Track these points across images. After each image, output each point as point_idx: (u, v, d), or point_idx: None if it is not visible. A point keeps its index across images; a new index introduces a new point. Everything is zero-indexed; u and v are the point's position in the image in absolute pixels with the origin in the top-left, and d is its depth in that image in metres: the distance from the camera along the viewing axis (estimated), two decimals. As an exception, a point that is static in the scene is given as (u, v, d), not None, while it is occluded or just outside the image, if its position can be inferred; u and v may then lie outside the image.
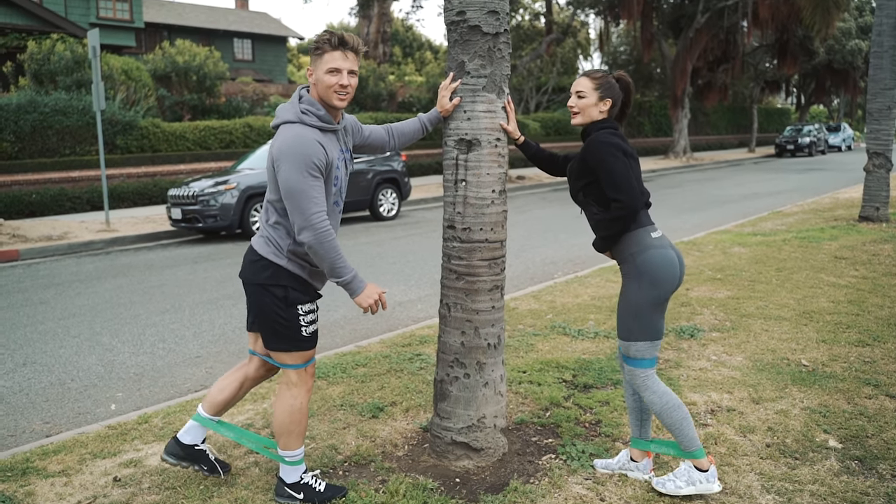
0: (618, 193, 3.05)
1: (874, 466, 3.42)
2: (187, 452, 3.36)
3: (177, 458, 3.34)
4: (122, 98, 19.36)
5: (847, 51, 39.71)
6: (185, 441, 3.35)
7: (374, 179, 14.51)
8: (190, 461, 3.36)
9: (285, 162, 2.90)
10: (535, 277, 8.51)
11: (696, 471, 3.17)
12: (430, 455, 3.65)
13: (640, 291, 3.12)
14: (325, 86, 3.00)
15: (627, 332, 3.17)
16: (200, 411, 3.37)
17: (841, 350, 5.16)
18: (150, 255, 11.17)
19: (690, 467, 3.19)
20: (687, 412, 3.18)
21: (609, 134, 3.18)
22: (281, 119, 3.04)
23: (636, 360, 3.19)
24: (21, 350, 6.15)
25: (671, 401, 3.16)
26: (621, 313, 3.20)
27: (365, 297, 3.06)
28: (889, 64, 11.25)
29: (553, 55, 30.15)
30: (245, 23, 39.42)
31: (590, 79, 3.25)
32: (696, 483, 3.16)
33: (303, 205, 2.89)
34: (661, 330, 3.18)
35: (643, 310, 3.12)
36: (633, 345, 3.16)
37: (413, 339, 5.78)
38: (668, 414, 3.15)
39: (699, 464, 3.18)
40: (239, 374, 3.38)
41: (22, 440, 4.32)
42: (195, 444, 3.37)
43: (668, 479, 3.22)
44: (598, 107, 3.24)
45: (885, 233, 10.41)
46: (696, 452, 3.17)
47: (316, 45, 3.02)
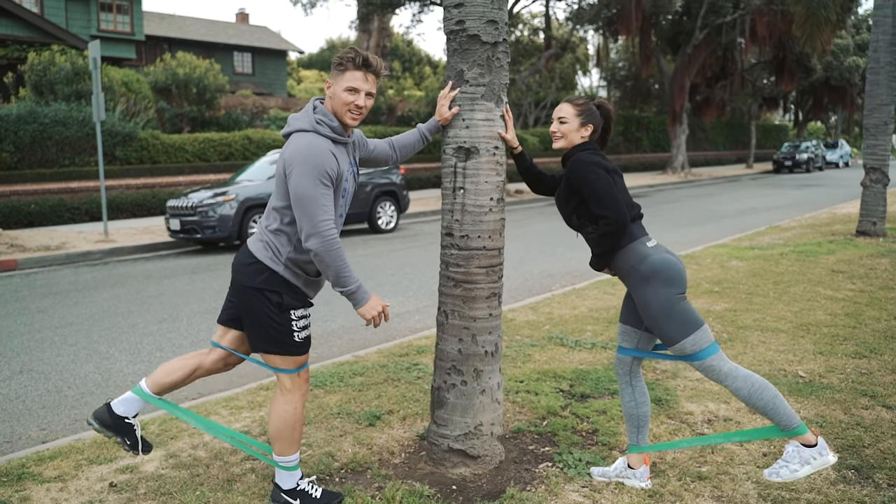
0: (604, 209, 3.08)
1: (870, 476, 3.42)
2: (115, 422, 3.23)
3: (103, 426, 3.21)
4: (122, 109, 19.42)
5: (844, 67, 39.96)
6: (118, 411, 3.23)
7: (373, 192, 14.55)
8: (115, 432, 3.23)
9: (297, 168, 2.91)
10: (533, 289, 8.52)
11: (805, 448, 3.02)
12: (427, 462, 3.64)
13: (657, 293, 3.09)
14: (342, 102, 3.04)
15: (670, 335, 3.08)
16: (143, 385, 3.27)
17: (838, 362, 5.17)
18: (148, 266, 11.17)
19: (798, 446, 3.03)
20: (776, 390, 3.03)
21: (589, 154, 3.24)
22: (294, 127, 3.05)
23: (696, 354, 3.07)
24: (18, 358, 6.14)
25: (757, 382, 3.03)
26: (653, 323, 3.13)
27: (369, 308, 3.06)
28: (885, 80, 11.34)
29: (552, 70, 30.32)
30: (245, 36, 39.62)
31: (572, 105, 3.34)
32: (810, 461, 2.99)
33: (312, 212, 2.89)
34: (697, 316, 3.09)
35: (670, 307, 3.08)
36: (685, 342, 3.06)
37: (410, 349, 5.78)
38: (759, 396, 3.01)
39: (805, 439, 3.01)
40: (193, 362, 3.30)
41: (18, 446, 4.31)
42: (126, 417, 3.25)
43: (780, 467, 3.05)
44: (579, 132, 3.32)
45: (882, 247, 10.44)
46: (798, 428, 3.00)
47: (339, 61, 3.05)
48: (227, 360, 3.34)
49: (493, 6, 3.36)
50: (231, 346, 3.29)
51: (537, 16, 35.27)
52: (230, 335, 3.28)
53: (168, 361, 3.36)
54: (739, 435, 3.40)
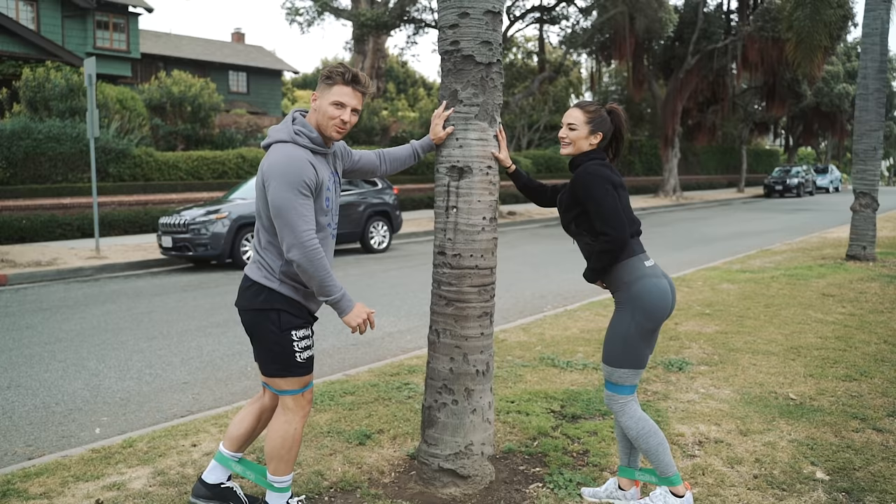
0: (605, 226, 3.09)
1: (861, 498, 3.42)
2: (214, 492, 3.31)
3: (205, 500, 3.30)
4: (116, 127, 19.42)
5: (835, 94, 40.36)
6: (210, 481, 3.32)
7: (366, 212, 14.55)
8: (219, 500, 3.31)
9: (275, 180, 2.91)
10: (525, 311, 8.52)
11: (672, 496, 3.19)
12: (417, 482, 3.62)
13: (631, 321, 3.14)
14: (327, 116, 3.05)
15: (613, 357, 3.19)
16: (222, 449, 3.34)
17: (828, 384, 5.18)
18: (139, 283, 11.13)
19: (666, 492, 3.21)
20: (663, 438, 3.20)
21: (597, 165, 3.22)
22: (273, 138, 3.06)
23: (617, 385, 3.21)
24: (6, 373, 6.09)
25: (647, 426, 3.19)
26: (609, 338, 3.21)
27: (354, 316, 3.06)
28: (874, 106, 11.46)
29: (545, 93, 30.53)
30: (241, 56, 39.76)
31: (583, 111, 3.29)
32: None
33: (292, 222, 2.89)
34: (645, 359, 3.20)
35: (632, 339, 3.14)
36: (616, 371, 3.18)
37: (402, 369, 5.77)
38: (645, 439, 3.17)
39: (675, 490, 3.20)
40: (255, 407, 3.35)
41: (4, 462, 4.26)
42: (221, 483, 3.33)
43: (644, 503, 3.25)
44: (588, 140, 3.28)
45: (872, 271, 10.49)
46: (672, 478, 3.20)
47: (328, 75, 3.07)
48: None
49: (488, 27, 3.40)
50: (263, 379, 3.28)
51: (531, 39, 35.58)
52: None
53: (236, 416, 3.42)
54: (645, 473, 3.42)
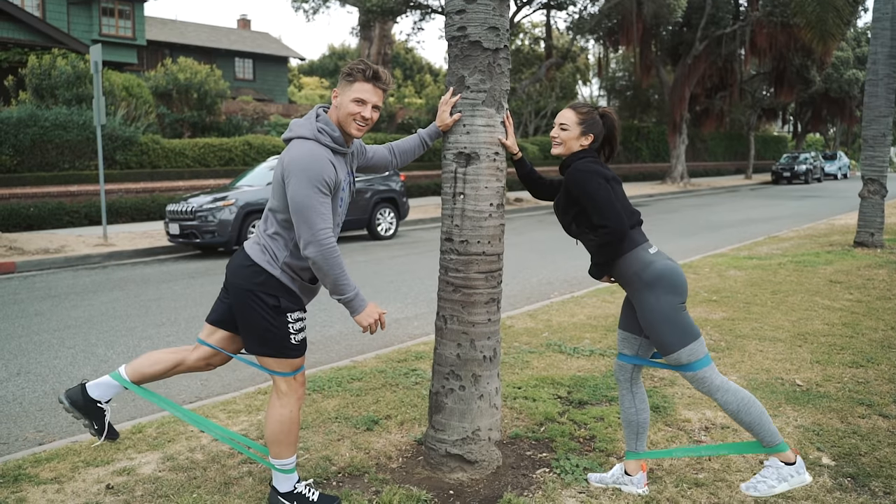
0: (603, 219, 3.08)
1: (867, 484, 3.43)
2: (87, 404, 3.24)
3: (73, 406, 3.22)
4: (122, 114, 19.44)
5: (844, 80, 40.11)
6: (92, 394, 3.24)
7: (373, 199, 14.56)
8: (84, 414, 3.24)
9: (296, 176, 2.92)
10: (532, 297, 8.53)
11: (784, 465, 3.10)
12: (425, 467, 3.65)
13: (659, 301, 3.10)
14: (348, 113, 3.06)
15: (668, 344, 3.10)
16: (122, 372, 3.28)
17: (835, 371, 5.18)
18: (146, 270, 11.17)
19: (778, 463, 3.11)
20: (762, 407, 3.10)
21: (588, 162, 3.23)
22: (295, 133, 3.06)
23: (690, 364, 3.10)
24: (15, 360, 6.14)
25: (745, 397, 3.09)
26: (652, 330, 3.14)
27: (366, 315, 3.07)
28: (884, 92, 11.38)
29: (552, 80, 30.41)
30: (247, 43, 39.71)
31: (575, 112, 3.32)
32: (787, 479, 3.09)
33: (311, 220, 2.90)
34: (696, 328, 3.12)
35: (671, 315, 3.09)
36: (682, 352, 3.08)
37: (409, 355, 5.79)
38: (747, 411, 3.07)
39: (785, 457, 3.10)
40: (176, 357, 3.31)
41: (14, 448, 4.31)
42: (99, 401, 3.26)
43: (757, 481, 3.15)
44: (579, 140, 3.31)
45: (880, 258, 10.46)
46: (780, 446, 3.09)
47: (350, 72, 3.08)
48: (210, 359, 3.35)
49: (495, 13, 3.38)
50: (219, 345, 3.30)
51: (538, 25, 35.39)
52: (218, 335, 3.29)
53: (151, 352, 3.36)
54: (727, 448, 3.45)
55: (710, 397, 3.16)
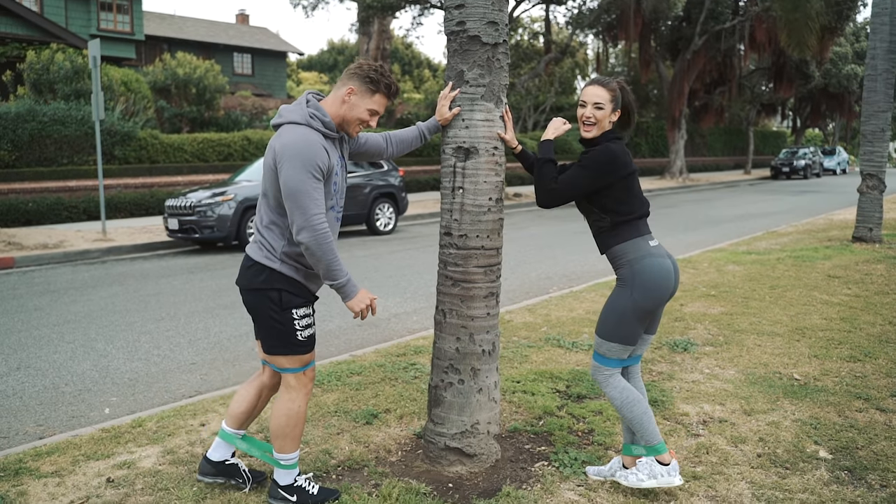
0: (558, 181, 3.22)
1: (863, 477, 3.45)
2: (219, 469, 3.39)
3: (211, 476, 3.39)
4: (121, 109, 19.42)
5: (843, 75, 40.07)
6: (215, 458, 3.39)
7: (372, 194, 14.56)
8: (224, 476, 3.39)
9: (289, 161, 2.93)
10: (531, 292, 8.55)
11: (658, 465, 3.24)
12: (424, 460, 3.66)
13: (629, 298, 3.17)
14: (359, 118, 3.14)
15: (605, 330, 3.24)
16: (224, 427, 3.39)
17: (833, 365, 5.20)
18: (145, 265, 11.18)
19: (652, 461, 3.26)
20: (647, 407, 3.26)
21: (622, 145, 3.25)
22: (286, 119, 3.07)
23: (604, 357, 3.27)
24: (15, 354, 6.15)
25: (631, 396, 3.24)
26: (605, 311, 3.26)
27: (357, 301, 3.09)
28: (883, 87, 11.38)
29: (551, 74, 30.36)
30: (245, 38, 39.64)
31: (606, 89, 3.26)
32: (657, 476, 3.23)
33: (304, 205, 2.91)
34: (636, 338, 3.25)
35: (627, 316, 3.18)
36: (606, 343, 3.24)
37: (408, 350, 5.80)
38: (629, 409, 3.23)
39: (661, 458, 3.25)
40: (255, 384, 3.39)
41: (15, 442, 4.32)
42: (225, 460, 3.39)
43: (630, 473, 3.30)
44: (610, 118, 3.30)
45: (878, 253, 10.48)
46: (657, 447, 3.25)
47: (375, 80, 3.12)
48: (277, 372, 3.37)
49: (494, 8, 3.39)
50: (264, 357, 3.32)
51: (537, 20, 35.37)
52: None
53: (236, 393, 3.44)
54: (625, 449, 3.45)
55: (600, 388, 3.37)
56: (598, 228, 3.29)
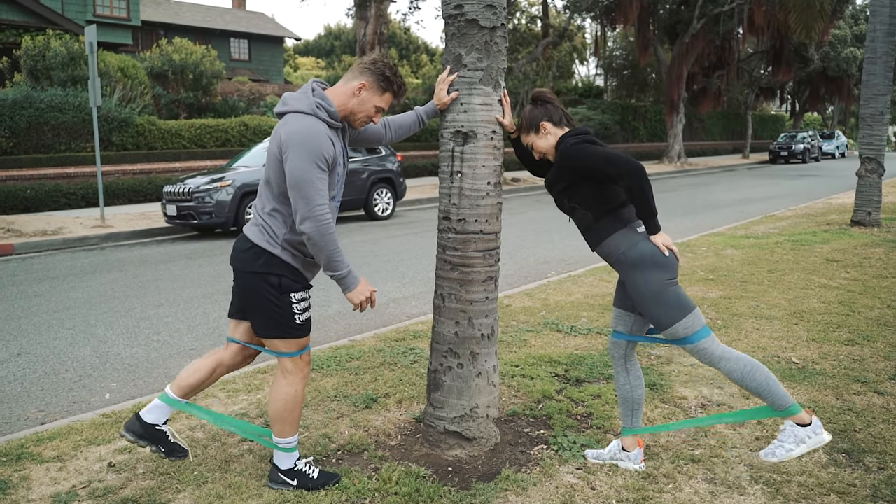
0: (616, 168, 3.06)
1: (861, 459, 3.47)
2: (147, 431, 3.32)
3: (136, 436, 3.31)
4: (118, 95, 19.34)
5: (842, 58, 39.96)
6: (148, 420, 3.33)
7: (370, 179, 14.54)
8: (149, 440, 3.33)
9: (295, 150, 2.92)
10: (529, 276, 8.55)
11: (800, 427, 3.05)
12: (423, 444, 3.68)
13: (646, 278, 3.09)
14: (367, 114, 3.18)
15: (661, 319, 3.08)
16: (168, 392, 3.35)
17: (831, 348, 5.21)
18: (144, 251, 11.18)
19: (794, 426, 3.06)
20: (768, 372, 3.05)
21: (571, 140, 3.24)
22: (291, 108, 3.05)
23: (688, 337, 3.07)
24: (16, 341, 6.16)
25: (749, 363, 3.05)
26: (644, 308, 3.13)
27: (357, 293, 3.10)
28: (882, 70, 11.35)
29: (549, 59, 30.26)
30: (242, 23, 39.43)
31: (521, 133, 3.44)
32: (805, 440, 3.03)
33: (308, 195, 2.91)
34: (689, 301, 3.09)
35: (660, 291, 3.07)
36: (677, 326, 3.05)
37: (407, 334, 5.81)
38: (752, 377, 3.03)
39: (799, 419, 3.05)
40: (213, 360, 3.37)
41: (17, 427, 4.33)
42: (156, 424, 3.34)
43: (776, 447, 3.09)
44: (543, 138, 3.35)
45: (877, 237, 10.49)
46: (792, 408, 3.04)
47: (388, 79, 3.16)
48: (244, 352, 3.39)
49: (492, -9, 3.37)
50: (244, 338, 3.33)
51: (535, 4, 35.18)
52: (242, 327, 3.32)
53: (189, 364, 3.42)
54: (733, 416, 3.47)
55: (714, 367, 3.13)
56: (585, 225, 3.26)
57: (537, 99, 3.41)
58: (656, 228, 3.12)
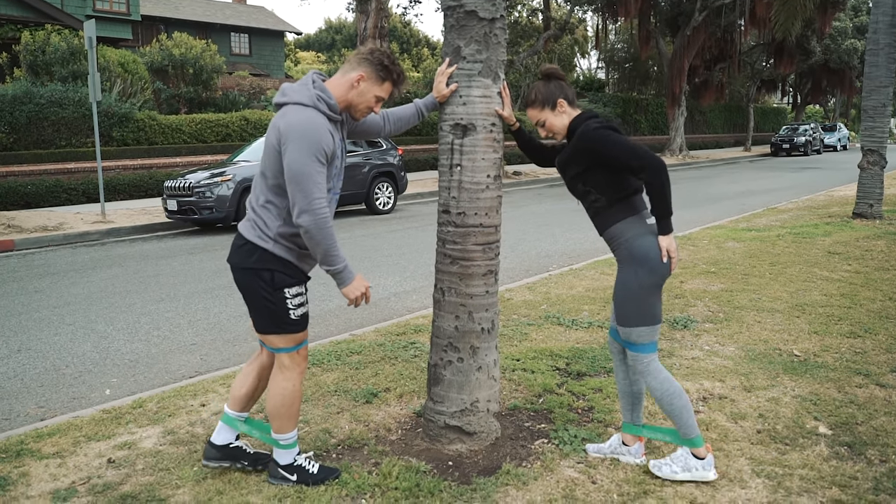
0: (639, 160, 3.02)
1: (863, 452, 3.45)
2: (224, 453, 3.35)
3: (216, 461, 3.35)
4: (118, 90, 19.32)
5: (843, 50, 39.84)
6: (219, 442, 3.35)
7: (371, 173, 14.51)
8: (229, 460, 3.36)
9: (295, 143, 2.89)
10: (531, 270, 8.54)
11: (694, 458, 3.19)
12: (424, 439, 3.67)
13: (636, 277, 3.10)
14: (365, 104, 3.16)
15: (626, 318, 3.15)
16: (227, 410, 3.37)
17: (833, 341, 5.19)
18: (145, 246, 11.17)
19: (688, 454, 3.20)
20: (688, 400, 3.18)
21: (591, 122, 3.18)
22: (291, 99, 3.02)
23: (637, 345, 3.17)
24: (16, 337, 6.15)
25: (672, 388, 3.16)
26: (619, 300, 3.18)
27: (353, 288, 3.08)
28: (884, 61, 11.30)
29: (550, 52, 30.17)
30: (242, 17, 39.37)
31: (532, 108, 3.33)
32: (692, 470, 3.17)
33: (307, 188, 2.89)
34: (659, 314, 3.16)
35: (640, 295, 3.11)
36: (633, 330, 3.14)
37: (407, 328, 5.80)
38: (669, 401, 3.15)
39: (697, 452, 3.19)
40: (255, 365, 3.38)
41: (16, 423, 4.32)
42: (229, 443, 3.36)
43: (664, 463, 3.24)
44: (559, 116, 3.28)
45: (879, 229, 10.46)
46: (694, 440, 3.18)
47: (387, 68, 3.14)
48: None
49: (491, -18, 3.34)
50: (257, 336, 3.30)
51: (536, -3, 35.06)
52: None
53: (237, 375, 3.43)
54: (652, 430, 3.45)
55: (644, 380, 3.24)
56: (595, 209, 3.23)
57: (550, 75, 3.34)
58: (668, 229, 3.10)
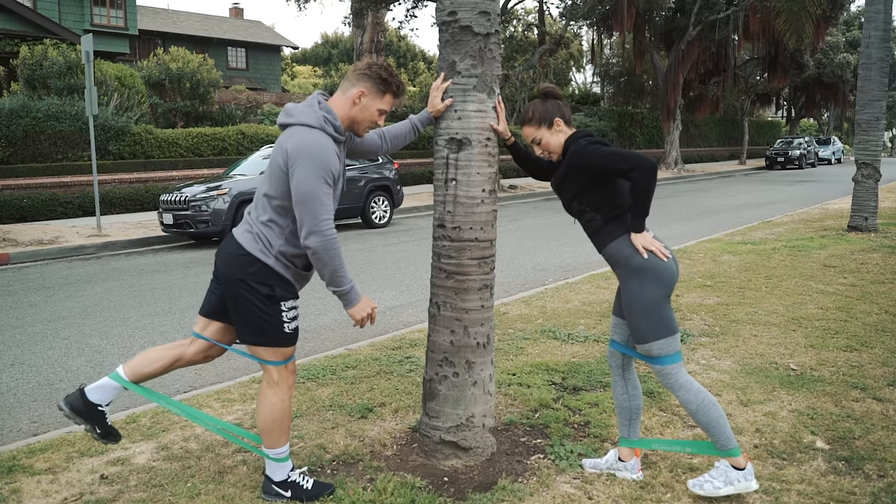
0: (629, 164, 3.02)
1: (861, 467, 3.44)
2: (88, 409, 3.17)
3: (74, 412, 3.16)
4: (115, 104, 19.33)
5: (836, 64, 40.06)
6: (92, 398, 3.18)
7: (367, 187, 14.53)
8: (86, 419, 3.18)
9: (304, 165, 2.89)
10: (527, 284, 8.53)
11: (734, 469, 3.11)
12: (419, 454, 3.64)
13: (643, 289, 3.07)
14: (368, 119, 3.17)
15: (641, 334, 3.09)
16: (120, 372, 3.22)
17: (829, 355, 5.19)
18: (141, 260, 11.14)
19: (727, 466, 3.12)
20: (722, 410, 3.10)
21: (582, 141, 3.19)
22: (298, 120, 3.02)
23: (660, 358, 3.09)
24: (9, 351, 6.12)
25: (706, 398, 3.09)
26: (631, 317, 3.12)
27: (359, 309, 3.08)
28: (877, 75, 11.36)
29: (546, 66, 30.32)
30: (239, 31, 39.51)
31: (528, 125, 3.33)
32: (734, 482, 3.09)
33: (315, 209, 2.89)
34: (674, 323, 3.09)
35: (651, 307, 3.06)
36: (653, 345, 3.07)
37: (403, 343, 5.78)
38: (705, 412, 3.07)
39: (736, 462, 3.11)
40: (174, 353, 3.28)
41: (8, 439, 4.29)
42: (99, 405, 3.20)
43: (704, 481, 3.15)
44: (555, 134, 3.29)
45: (874, 242, 10.48)
46: (733, 450, 3.10)
47: (385, 81, 3.14)
48: (207, 351, 3.31)
49: (486, -3, 3.35)
50: (214, 337, 3.26)
51: (531, 12, 35.26)
52: (213, 326, 3.26)
53: (148, 350, 3.32)
54: (683, 445, 3.45)
55: (673, 393, 3.17)
56: (592, 228, 3.23)
57: (548, 94, 3.35)
58: (640, 228, 3.12)
